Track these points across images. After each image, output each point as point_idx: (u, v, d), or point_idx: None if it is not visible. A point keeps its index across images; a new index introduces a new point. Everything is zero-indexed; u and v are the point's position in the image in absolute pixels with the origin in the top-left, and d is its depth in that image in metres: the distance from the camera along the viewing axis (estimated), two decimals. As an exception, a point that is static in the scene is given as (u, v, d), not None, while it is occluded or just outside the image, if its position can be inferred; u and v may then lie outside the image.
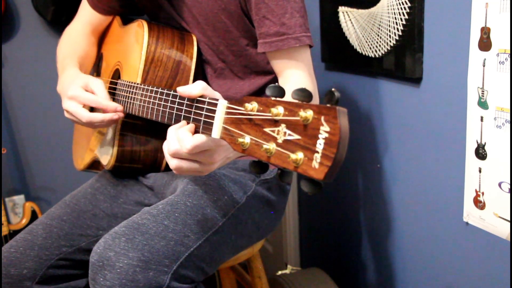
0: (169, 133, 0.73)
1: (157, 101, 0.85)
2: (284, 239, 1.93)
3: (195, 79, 1.05)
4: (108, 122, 0.97)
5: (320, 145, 0.49)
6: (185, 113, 0.74)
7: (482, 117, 1.00)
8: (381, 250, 1.44)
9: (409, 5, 1.12)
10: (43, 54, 1.82)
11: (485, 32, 0.96)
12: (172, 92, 0.80)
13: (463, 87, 1.04)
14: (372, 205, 1.45)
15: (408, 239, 1.32)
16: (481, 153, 1.02)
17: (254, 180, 1.05)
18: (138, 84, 0.95)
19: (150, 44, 1.02)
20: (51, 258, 1.02)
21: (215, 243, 0.94)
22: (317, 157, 0.49)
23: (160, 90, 0.85)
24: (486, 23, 0.95)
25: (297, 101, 0.53)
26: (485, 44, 0.96)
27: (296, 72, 0.99)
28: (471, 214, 1.08)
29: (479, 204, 1.05)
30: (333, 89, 0.49)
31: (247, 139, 0.59)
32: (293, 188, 1.83)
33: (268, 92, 0.58)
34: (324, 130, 0.48)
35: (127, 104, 0.98)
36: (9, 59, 1.79)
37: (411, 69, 1.15)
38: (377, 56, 1.26)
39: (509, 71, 0.92)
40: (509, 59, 0.92)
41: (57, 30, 1.82)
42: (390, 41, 1.20)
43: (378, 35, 1.24)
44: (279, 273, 1.68)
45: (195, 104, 0.72)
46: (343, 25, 1.38)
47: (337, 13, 1.39)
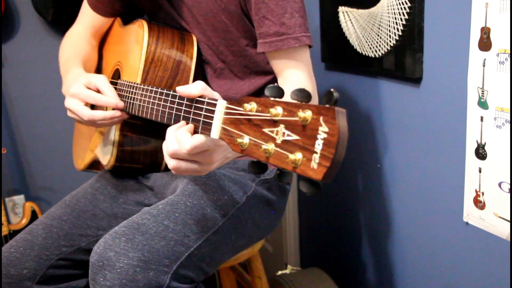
0: (168, 133, 0.73)
1: (157, 101, 0.85)
2: (284, 239, 1.93)
3: (195, 79, 1.05)
4: (110, 119, 0.96)
5: (318, 146, 0.49)
6: (184, 113, 0.75)
7: (482, 117, 1.00)
8: (381, 250, 1.44)
9: (409, 5, 1.12)
10: (43, 54, 1.82)
11: (485, 32, 0.96)
12: (171, 92, 0.80)
13: (463, 87, 1.04)
14: (372, 205, 1.45)
15: (408, 239, 1.32)
16: (481, 153, 1.02)
17: (254, 180, 1.05)
18: (138, 84, 0.95)
19: (150, 44, 1.02)
20: (51, 258, 1.02)
21: (215, 243, 0.94)
22: (316, 157, 0.49)
23: (159, 90, 0.85)
24: (486, 23, 0.95)
25: (296, 101, 0.53)
26: (485, 44, 0.96)
27: (295, 72, 0.99)
28: (471, 214, 1.08)
29: (479, 204, 1.05)
30: (332, 90, 0.49)
31: (246, 140, 0.59)
32: (293, 188, 1.83)
33: (267, 92, 0.57)
34: (322, 130, 0.48)
35: (127, 104, 0.98)
36: (9, 59, 1.79)
37: (411, 69, 1.15)
38: (377, 56, 1.26)
39: (509, 71, 0.92)
40: (509, 59, 0.92)
41: (57, 30, 1.82)
42: (390, 41, 1.20)
43: (378, 35, 1.24)
44: (279, 273, 1.68)
45: (194, 104, 0.72)
46: (343, 25, 1.38)
47: (337, 13, 1.39)
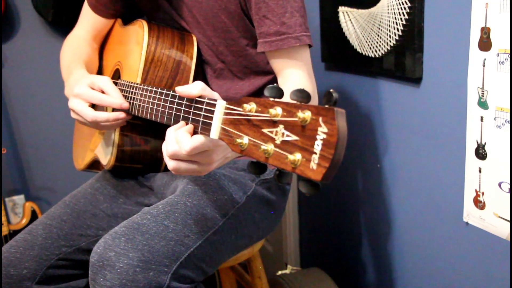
0: (168, 134, 0.73)
1: (157, 101, 0.85)
2: (284, 239, 1.93)
3: (195, 79, 1.05)
4: (113, 121, 0.95)
5: (318, 146, 0.49)
6: (184, 113, 0.75)
7: (482, 117, 1.00)
8: (381, 250, 1.44)
9: (409, 5, 1.12)
10: (43, 54, 1.82)
11: (485, 32, 0.95)
12: (171, 92, 0.80)
13: (463, 87, 1.03)
14: (372, 205, 1.45)
15: (408, 239, 1.32)
16: (481, 153, 1.02)
17: (254, 180, 1.05)
18: (138, 84, 0.95)
19: (150, 44, 1.02)
20: (51, 258, 1.02)
21: (215, 243, 0.94)
22: (315, 158, 0.48)
23: (159, 90, 0.85)
24: (486, 23, 0.95)
25: (295, 102, 0.53)
26: (485, 44, 0.96)
27: (295, 71, 0.99)
28: (471, 214, 1.08)
29: (479, 204, 1.05)
30: (331, 90, 0.49)
31: (245, 140, 0.59)
32: (293, 188, 1.83)
33: (266, 92, 0.57)
34: (322, 131, 0.48)
35: (127, 104, 0.98)
36: (9, 59, 1.79)
37: (411, 69, 1.15)
38: (377, 56, 1.26)
39: (509, 71, 0.92)
40: (509, 59, 0.92)
41: (57, 30, 1.82)
42: (390, 41, 1.20)
43: (378, 35, 1.24)
44: (279, 273, 1.68)
45: (194, 104, 0.72)
46: (343, 25, 1.38)
47: (337, 13, 1.39)
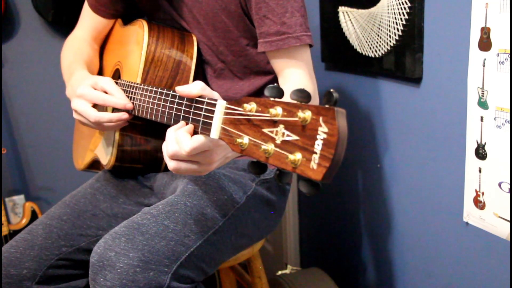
0: (168, 134, 0.73)
1: (157, 101, 0.85)
2: (284, 239, 1.93)
3: (195, 79, 1.05)
4: (116, 121, 0.94)
5: (318, 146, 0.49)
6: (184, 113, 0.75)
7: (482, 117, 1.00)
8: (381, 250, 1.44)
9: (409, 5, 1.12)
10: (43, 54, 1.82)
11: (485, 32, 0.95)
12: (171, 92, 0.80)
13: (463, 87, 1.03)
14: (372, 205, 1.45)
15: (408, 239, 1.32)
16: (481, 153, 1.02)
17: (254, 180, 1.05)
18: (138, 84, 0.95)
19: (150, 44, 1.02)
20: (51, 258, 1.02)
21: (215, 243, 0.94)
22: (315, 158, 0.48)
23: (159, 90, 0.85)
24: (486, 23, 0.95)
25: (295, 101, 0.53)
26: (485, 44, 0.96)
27: (296, 71, 0.99)
28: (471, 214, 1.08)
29: (479, 204, 1.05)
30: (331, 90, 0.49)
31: (245, 140, 0.59)
32: (293, 188, 1.83)
33: (266, 92, 0.57)
34: (322, 131, 0.48)
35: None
36: (9, 59, 1.79)
37: (411, 69, 1.15)
38: (377, 56, 1.26)
39: (509, 71, 0.92)
40: (509, 59, 0.92)
41: (57, 30, 1.82)
42: (390, 41, 1.20)
43: (378, 35, 1.24)
44: (279, 273, 1.68)
45: (194, 104, 0.72)
46: (343, 25, 1.38)
47: (337, 13, 1.39)
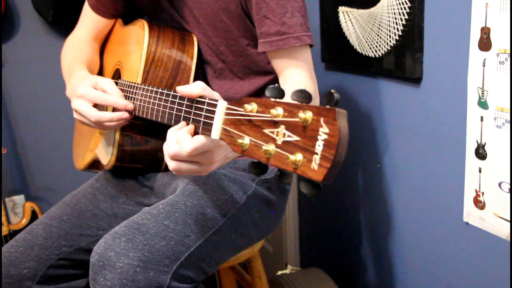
0: (169, 134, 0.73)
1: (157, 101, 0.85)
2: (284, 239, 1.93)
3: (195, 79, 1.05)
4: (117, 120, 0.94)
5: (319, 147, 0.49)
6: (184, 114, 0.75)
7: (482, 117, 1.00)
8: (381, 250, 1.44)
9: (409, 5, 1.12)
10: (43, 54, 1.82)
11: (485, 32, 0.96)
12: (172, 92, 0.80)
13: (463, 87, 1.04)
14: (372, 205, 1.45)
15: (408, 239, 1.32)
16: (481, 153, 1.02)
17: (254, 179, 1.05)
18: (138, 84, 0.95)
19: (150, 44, 1.02)
20: (51, 258, 1.02)
21: (215, 243, 0.94)
22: (316, 158, 0.48)
23: (160, 90, 0.85)
24: (486, 23, 0.95)
25: (296, 102, 0.53)
26: (485, 44, 0.96)
27: (296, 71, 0.99)
28: (471, 214, 1.08)
29: (479, 204, 1.05)
30: (332, 91, 0.49)
31: (246, 140, 0.59)
32: (293, 188, 1.83)
33: (267, 93, 0.57)
34: (323, 131, 0.48)
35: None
36: (9, 59, 1.79)
37: (411, 69, 1.15)
38: (377, 56, 1.26)
39: (509, 71, 0.92)
40: (509, 59, 0.92)
41: (57, 30, 1.82)
42: (390, 41, 1.20)
43: (378, 35, 1.24)
44: (279, 273, 1.68)
45: (195, 104, 0.72)
46: (343, 25, 1.38)
47: (337, 13, 1.39)
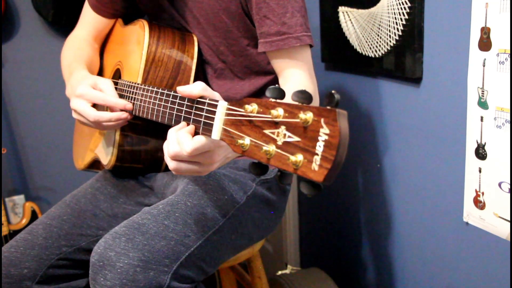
0: (169, 135, 0.73)
1: (157, 102, 0.85)
2: (284, 239, 1.93)
3: (196, 79, 1.05)
4: (116, 120, 0.95)
5: (319, 148, 0.49)
6: (185, 114, 0.75)
7: (482, 117, 1.00)
8: (381, 250, 1.44)
9: (409, 5, 1.12)
10: (43, 54, 1.82)
11: (485, 32, 0.96)
12: (172, 92, 0.80)
13: (463, 87, 1.04)
14: (372, 205, 1.45)
15: (408, 239, 1.32)
16: (481, 153, 1.02)
17: (254, 180, 1.05)
18: (138, 84, 0.95)
19: (151, 44, 1.02)
20: (51, 258, 1.02)
21: (215, 243, 0.94)
22: (317, 159, 0.49)
23: (160, 90, 0.85)
24: (486, 23, 0.95)
25: (297, 103, 0.53)
26: (485, 44, 0.96)
27: (296, 71, 0.99)
28: (471, 214, 1.08)
29: (479, 204, 1.05)
30: (333, 91, 0.49)
31: (247, 141, 0.59)
32: (293, 188, 1.83)
33: (268, 93, 0.58)
34: (323, 132, 0.48)
35: (127, 104, 0.97)
36: (9, 59, 1.79)
37: (411, 69, 1.15)
38: (377, 56, 1.26)
39: (509, 71, 0.92)
40: (509, 59, 0.92)
41: (57, 30, 1.82)
42: (390, 41, 1.20)
43: (378, 35, 1.24)
44: (279, 273, 1.69)
45: (195, 105, 0.72)
46: (343, 25, 1.38)
47: (337, 13, 1.39)
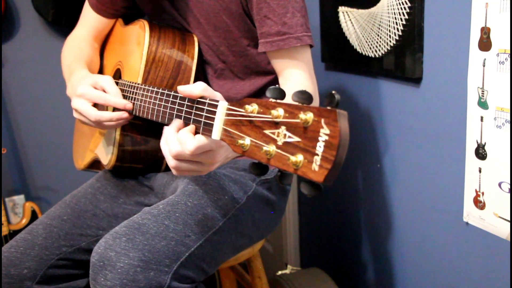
0: (169, 134, 0.72)
1: (158, 102, 0.85)
2: (284, 239, 1.93)
3: (196, 79, 1.05)
4: (117, 120, 0.95)
5: (320, 148, 0.49)
6: (185, 114, 0.75)
7: (482, 117, 1.00)
8: (381, 250, 1.44)
9: (409, 5, 1.12)
10: (43, 54, 1.82)
11: (485, 32, 0.96)
12: (172, 92, 0.80)
13: (463, 87, 1.04)
14: (372, 205, 1.45)
15: (408, 239, 1.33)
16: (481, 153, 1.02)
17: (254, 180, 1.06)
18: (139, 84, 0.95)
19: (151, 44, 1.02)
20: (51, 258, 1.02)
21: (216, 243, 0.94)
22: (317, 159, 0.49)
23: (160, 90, 0.85)
24: (486, 23, 0.95)
25: (297, 103, 0.53)
26: (485, 44, 0.96)
27: (296, 71, 0.99)
28: (471, 214, 1.08)
29: (479, 204, 1.05)
30: (333, 92, 0.49)
31: (247, 141, 0.59)
32: (293, 188, 1.83)
33: (268, 94, 0.58)
34: (324, 132, 0.48)
35: (127, 104, 0.97)
36: (9, 59, 1.79)
37: (411, 69, 1.15)
38: (377, 56, 1.26)
39: (509, 71, 0.92)
40: (509, 59, 0.92)
41: (57, 30, 1.82)
42: (390, 41, 1.20)
43: (378, 35, 1.24)
44: (279, 273, 1.68)
45: (196, 105, 0.72)
46: (343, 25, 1.38)
47: (337, 13, 1.39)
